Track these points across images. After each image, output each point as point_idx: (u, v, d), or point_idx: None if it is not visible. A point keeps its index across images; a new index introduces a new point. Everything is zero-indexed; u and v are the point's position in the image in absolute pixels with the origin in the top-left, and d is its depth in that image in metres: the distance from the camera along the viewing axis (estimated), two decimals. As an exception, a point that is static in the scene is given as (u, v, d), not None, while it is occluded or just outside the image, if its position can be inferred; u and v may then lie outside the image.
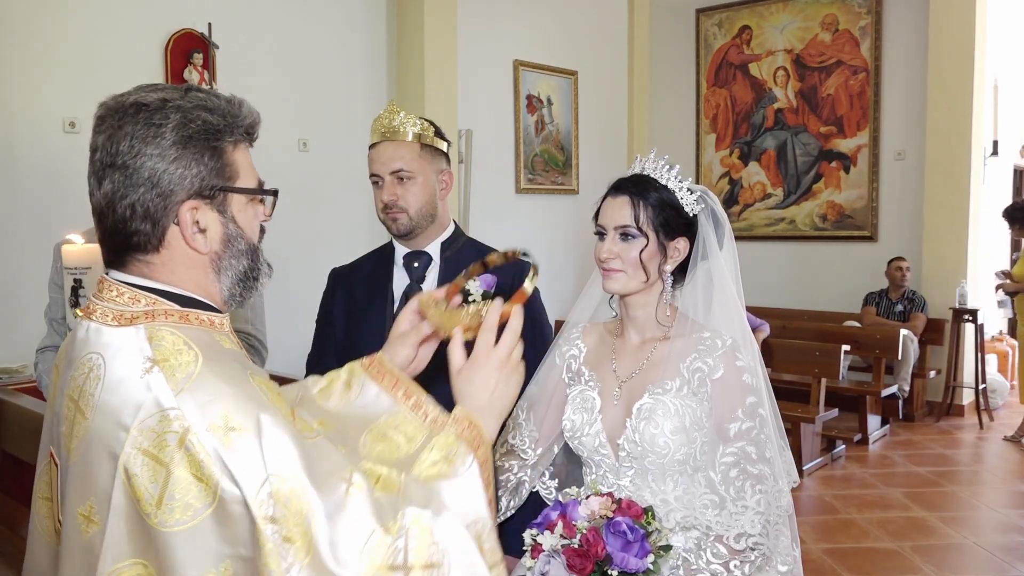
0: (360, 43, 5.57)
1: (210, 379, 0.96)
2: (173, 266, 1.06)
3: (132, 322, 1.02)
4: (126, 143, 1.01)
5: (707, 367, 1.53)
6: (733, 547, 1.47)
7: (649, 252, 1.56)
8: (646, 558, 1.38)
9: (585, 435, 1.62)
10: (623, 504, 1.43)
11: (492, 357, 1.17)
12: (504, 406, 1.18)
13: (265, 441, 0.93)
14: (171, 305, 1.04)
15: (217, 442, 0.92)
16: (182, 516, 0.91)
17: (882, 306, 6.64)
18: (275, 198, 1.14)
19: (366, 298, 2.04)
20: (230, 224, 1.08)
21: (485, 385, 1.16)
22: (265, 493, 0.91)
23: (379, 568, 0.94)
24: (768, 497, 1.49)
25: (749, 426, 1.51)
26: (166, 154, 1.01)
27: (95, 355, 1.01)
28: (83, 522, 0.97)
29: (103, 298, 1.05)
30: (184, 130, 1.02)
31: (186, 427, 0.92)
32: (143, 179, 1.01)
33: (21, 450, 3.23)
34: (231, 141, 1.07)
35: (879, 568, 3.88)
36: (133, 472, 0.93)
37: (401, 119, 1.96)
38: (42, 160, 4.12)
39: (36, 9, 4.10)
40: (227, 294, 1.11)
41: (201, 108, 1.04)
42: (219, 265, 1.08)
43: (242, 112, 1.08)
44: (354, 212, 5.37)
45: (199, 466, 0.91)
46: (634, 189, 1.58)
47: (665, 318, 1.62)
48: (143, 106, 1.03)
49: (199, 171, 1.03)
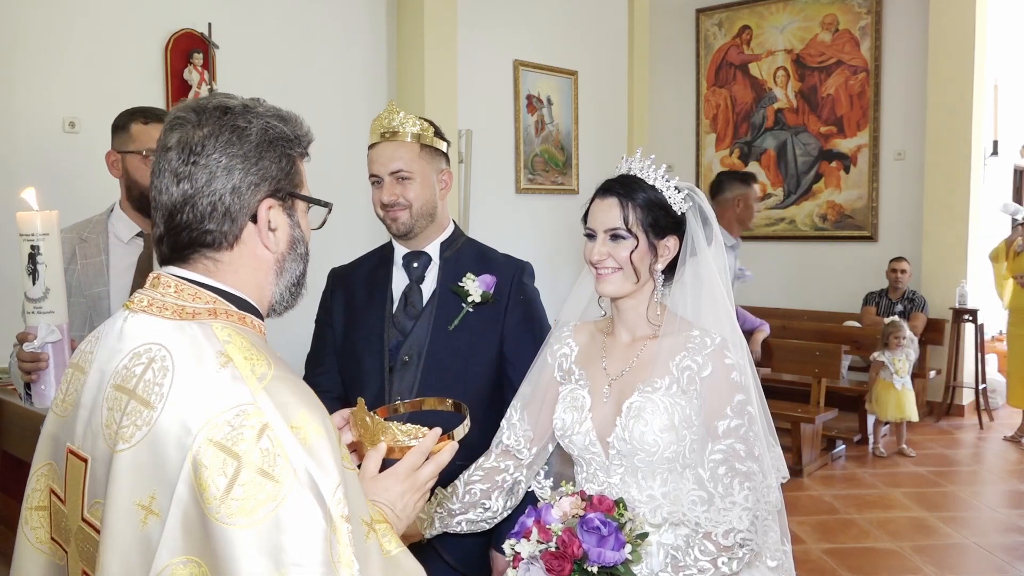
0: (360, 43, 5.57)
1: (284, 383, 0.98)
2: (239, 265, 1.09)
3: (194, 317, 1.03)
4: (211, 143, 1.05)
5: (696, 365, 1.54)
6: (721, 543, 1.48)
7: (640, 252, 1.57)
8: (623, 549, 1.39)
9: (575, 434, 1.62)
10: (594, 500, 1.45)
11: (413, 478, 1.22)
12: (405, 521, 1.21)
13: (335, 445, 0.97)
14: (231, 307, 1.07)
15: (296, 441, 0.93)
16: (248, 513, 0.90)
17: (882, 306, 6.64)
18: (328, 211, 1.20)
19: (365, 298, 2.04)
20: (296, 228, 1.13)
21: (400, 499, 1.20)
22: (341, 494, 0.93)
23: None
24: (756, 493, 1.50)
25: (737, 424, 1.51)
26: (249, 156, 1.06)
27: (156, 346, 1.01)
28: (142, 513, 0.95)
29: (159, 292, 1.06)
30: (266, 135, 1.08)
31: (264, 423, 0.93)
32: (225, 178, 1.05)
33: (21, 450, 3.23)
34: (299, 152, 1.14)
35: (879, 568, 3.88)
36: (202, 463, 0.91)
37: (401, 119, 1.96)
38: (42, 160, 4.12)
39: (36, 9, 4.10)
40: (278, 298, 1.15)
41: (276, 118, 1.11)
42: (282, 267, 1.13)
43: (305, 128, 1.15)
44: (354, 212, 5.37)
45: (274, 462, 0.91)
46: (622, 190, 1.58)
47: (655, 316, 1.62)
48: (227, 109, 1.08)
49: (276, 174, 1.09)
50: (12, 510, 3.12)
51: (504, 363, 1.96)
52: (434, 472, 1.23)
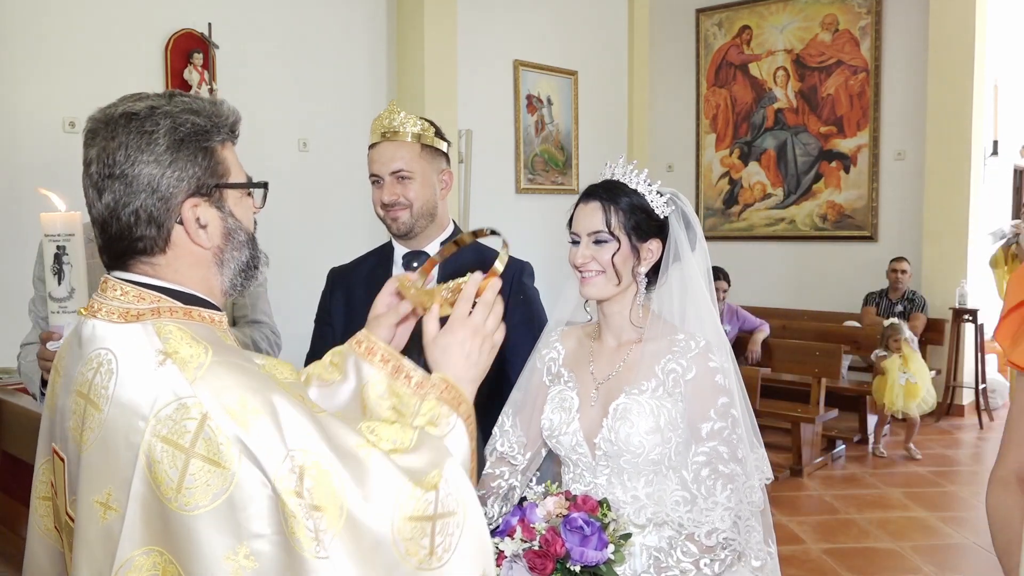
0: (360, 43, 5.58)
1: (222, 368, 1.00)
2: (178, 265, 1.10)
3: (138, 319, 1.05)
4: (122, 153, 1.05)
5: (681, 368, 1.56)
6: (704, 543, 1.49)
7: (622, 255, 1.59)
8: (605, 549, 1.40)
9: (563, 434, 1.64)
10: (578, 500, 1.46)
11: (466, 324, 1.22)
12: (478, 373, 1.22)
13: (282, 420, 0.97)
14: (175, 303, 1.08)
15: (236, 425, 0.95)
16: (202, 499, 0.94)
17: (882, 306, 6.63)
18: (265, 190, 1.19)
19: (365, 298, 2.03)
20: (229, 218, 1.13)
21: (460, 350, 1.21)
22: (286, 469, 0.95)
23: (409, 519, 1.00)
24: (739, 494, 1.51)
25: (721, 426, 1.53)
26: (162, 159, 1.06)
27: (104, 351, 1.04)
28: (100, 509, 1.00)
29: (107, 297, 1.08)
30: (175, 134, 1.06)
31: (204, 413, 0.96)
32: (143, 185, 1.05)
33: (21, 450, 3.23)
34: (219, 140, 1.11)
35: (879, 568, 3.88)
36: (155, 459, 0.96)
37: (401, 119, 1.96)
38: (42, 160, 4.12)
39: (36, 9, 4.10)
40: (228, 285, 1.15)
41: (188, 112, 1.08)
42: (222, 258, 1.13)
43: (224, 112, 1.13)
44: (354, 212, 5.38)
45: (217, 449, 0.95)
46: (605, 195, 1.61)
47: (639, 319, 1.64)
48: (133, 115, 1.06)
49: (195, 171, 1.08)
50: (12, 510, 3.12)
51: (504, 363, 1.96)
52: (484, 313, 1.24)
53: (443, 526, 1.03)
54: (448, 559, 1.03)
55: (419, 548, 1.00)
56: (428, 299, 1.28)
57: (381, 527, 0.98)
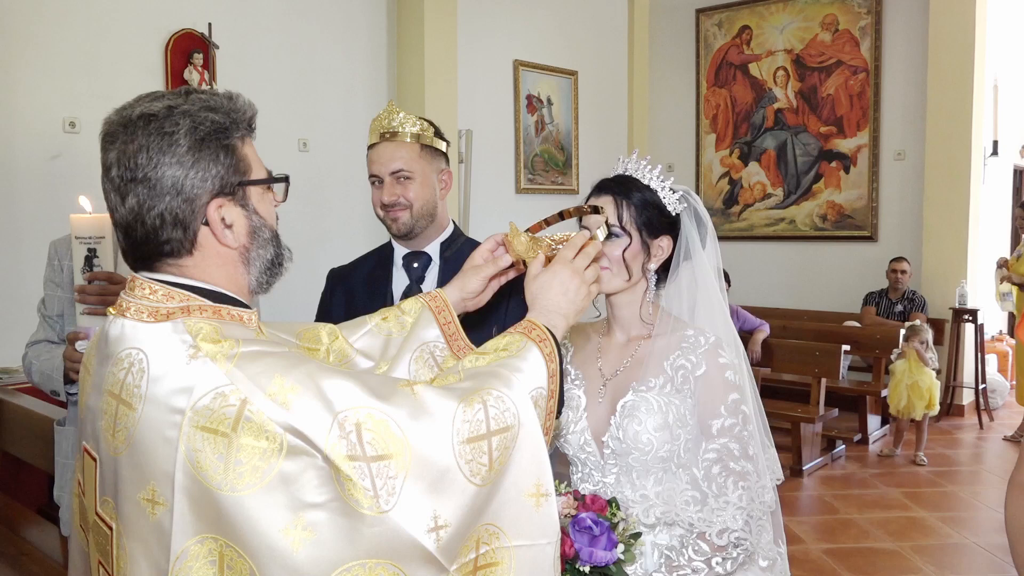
0: (360, 43, 5.57)
1: (254, 355, 1.00)
2: (205, 265, 1.09)
3: (168, 317, 1.04)
4: (143, 156, 1.03)
5: (690, 364, 1.54)
6: (715, 543, 1.48)
7: (632, 251, 1.57)
8: (615, 549, 1.39)
9: (570, 433, 1.62)
10: (587, 500, 1.45)
11: (568, 266, 1.30)
12: (573, 311, 1.29)
13: (324, 388, 0.98)
14: (204, 301, 1.08)
15: (276, 406, 0.96)
16: (251, 479, 0.94)
17: (882, 306, 6.64)
18: (287, 184, 1.20)
19: (365, 298, 2.04)
20: (253, 216, 1.12)
21: (560, 285, 1.28)
22: (335, 436, 0.95)
23: (467, 442, 1.03)
24: (751, 493, 1.50)
25: (732, 423, 1.51)
26: (184, 160, 1.04)
27: (134, 350, 1.03)
28: (148, 506, 1.00)
29: (136, 296, 1.07)
30: (196, 133, 1.05)
31: (243, 399, 0.96)
32: (167, 188, 1.04)
33: (21, 450, 3.23)
34: (239, 137, 1.10)
35: (879, 568, 3.88)
36: (196, 448, 0.96)
37: (400, 119, 1.96)
38: (42, 160, 4.12)
39: (36, 9, 4.10)
40: (255, 283, 1.15)
41: (206, 109, 1.07)
42: (248, 257, 1.13)
43: (241, 106, 1.12)
44: (354, 212, 5.38)
45: (261, 430, 0.95)
46: (617, 189, 1.59)
47: (649, 316, 1.63)
48: (151, 116, 1.05)
49: (218, 170, 1.07)
50: (12, 510, 3.12)
51: None
52: (585, 261, 1.32)
53: (500, 441, 1.06)
54: (504, 470, 1.07)
55: (480, 467, 1.04)
56: (534, 249, 1.38)
57: (445, 457, 1.01)
